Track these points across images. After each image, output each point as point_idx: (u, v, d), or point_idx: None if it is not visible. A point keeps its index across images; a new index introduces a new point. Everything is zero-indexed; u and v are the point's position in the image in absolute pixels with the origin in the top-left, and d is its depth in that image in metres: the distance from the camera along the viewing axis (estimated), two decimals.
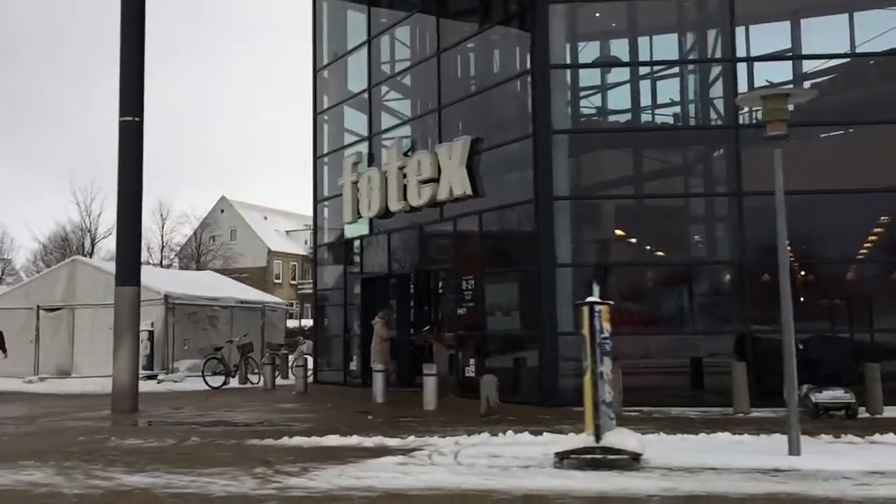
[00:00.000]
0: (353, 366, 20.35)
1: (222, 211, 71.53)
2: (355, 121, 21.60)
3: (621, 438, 7.28)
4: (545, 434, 9.82)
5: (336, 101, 22.37)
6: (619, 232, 15.39)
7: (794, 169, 13.84)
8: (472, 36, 17.49)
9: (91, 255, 40.56)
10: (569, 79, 15.65)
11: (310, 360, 25.28)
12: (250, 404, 16.49)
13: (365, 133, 20.77)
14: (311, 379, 22.75)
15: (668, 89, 15.64)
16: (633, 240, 15.31)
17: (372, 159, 19.84)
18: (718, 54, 15.12)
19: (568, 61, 15.67)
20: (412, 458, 8.50)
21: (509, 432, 9.98)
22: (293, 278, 73.29)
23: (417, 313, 18.95)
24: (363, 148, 20.36)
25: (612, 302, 7.89)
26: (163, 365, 24.14)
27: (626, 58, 15.97)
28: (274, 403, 16.66)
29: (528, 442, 9.34)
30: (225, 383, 20.95)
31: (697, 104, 15.84)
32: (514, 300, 15.78)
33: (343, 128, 22.35)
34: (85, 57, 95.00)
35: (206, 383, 20.64)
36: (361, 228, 20.13)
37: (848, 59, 15.21)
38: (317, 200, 22.47)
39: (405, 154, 18.32)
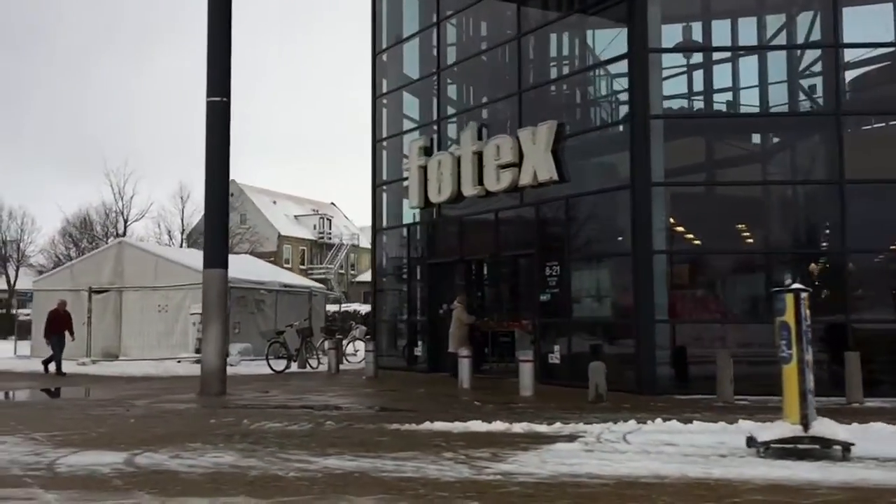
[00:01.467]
0: (418, 351, 20.20)
1: (232, 195, 71.00)
2: (417, 105, 21.41)
3: (831, 428, 7.17)
4: (696, 422, 9.70)
5: (397, 84, 22.13)
6: (715, 219, 15.25)
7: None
8: (558, 19, 17.28)
9: (123, 236, 40.14)
10: (666, 62, 15.46)
11: (360, 344, 25.26)
12: (332, 388, 16.35)
13: (428, 117, 20.57)
14: (362, 363, 22.68)
15: (768, 73, 15.43)
16: (730, 227, 15.18)
17: (441, 144, 19.62)
18: (818, 37, 14.99)
19: (665, 44, 15.43)
20: (587, 444, 8.38)
21: (657, 420, 9.87)
22: (302, 263, 73.04)
23: (491, 299, 18.79)
24: (429, 132, 20.11)
25: (810, 289, 7.71)
26: None
27: (725, 40, 15.78)
28: (356, 388, 16.53)
29: (691, 430, 9.21)
30: (287, 367, 20.80)
31: (797, 89, 15.70)
32: (604, 286, 15.66)
33: (403, 112, 22.15)
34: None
35: (270, 367, 20.49)
36: (429, 213, 19.93)
37: None
38: (375, 185, 22.25)
39: (480, 138, 18.08)
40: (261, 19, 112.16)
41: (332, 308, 38.49)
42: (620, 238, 15.45)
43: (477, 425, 9.81)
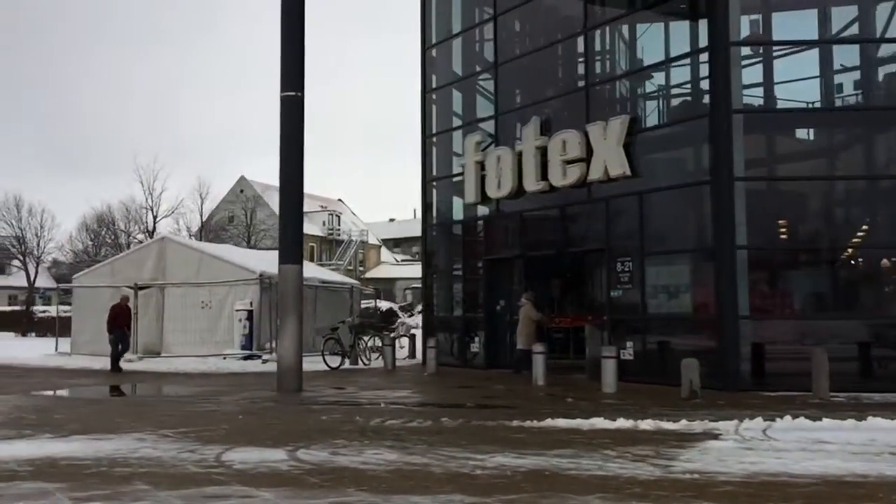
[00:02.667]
0: (475, 347, 20.12)
1: (241, 191, 70.87)
2: (472, 100, 21.30)
3: None
4: (825, 419, 9.66)
5: (447, 80, 22.03)
6: (795, 213, 15.23)
7: None
8: (627, 14, 17.18)
9: (152, 233, 39.93)
10: (746, 56, 15.39)
11: (405, 341, 25.20)
12: (402, 385, 16.29)
13: (484, 113, 20.46)
14: (407, 360, 22.67)
15: (853, 66, 15.38)
16: (811, 222, 15.16)
17: (498, 139, 19.53)
18: None
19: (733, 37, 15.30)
20: (739, 442, 8.33)
21: (787, 417, 9.80)
22: (312, 259, 72.80)
23: (556, 295, 18.72)
24: (485, 127, 20.00)
25: None
26: (258, 345, 23.82)
27: (798, 32, 15.72)
28: (427, 385, 16.47)
29: (823, 427, 9.16)
30: (342, 364, 20.71)
31: (882, 83, 15.65)
32: (682, 282, 15.60)
33: (455, 108, 22.05)
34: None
35: (326, 363, 20.40)
36: (486, 209, 19.84)
37: None
38: (426, 181, 22.14)
39: (542, 133, 17.99)
40: (259, 14, 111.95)
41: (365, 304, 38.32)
42: (699, 233, 15.40)
43: (602, 423, 9.75)
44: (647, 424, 9.55)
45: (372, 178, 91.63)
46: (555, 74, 19.34)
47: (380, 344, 23.22)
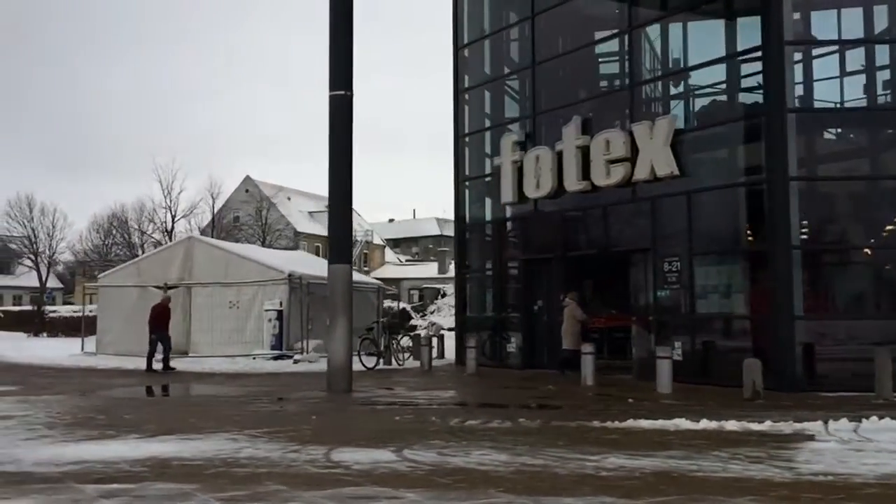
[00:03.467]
0: (511, 348, 20.06)
1: (247, 191, 70.72)
2: (506, 100, 21.26)
3: None
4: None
5: (480, 80, 21.99)
6: (849, 213, 15.21)
7: None
8: (672, 13, 17.13)
9: (172, 232, 39.77)
10: (800, 56, 15.37)
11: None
12: (449, 385, 16.32)
13: (520, 112, 20.41)
14: (436, 360, 22.58)
15: None
16: (866, 222, 15.14)
17: (536, 139, 19.48)
18: None
19: (797, 37, 15.31)
20: (843, 443, 8.28)
21: (872, 418, 9.76)
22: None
23: (597, 295, 18.66)
24: (522, 127, 19.93)
25: None
26: (288, 345, 23.73)
27: (859, 30, 15.69)
28: (474, 385, 16.42)
29: None
30: (377, 364, 20.64)
31: None
32: (734, 282, 15.56)
33: (487, 108, 22.01)
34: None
35: (362, 363, 20.31)
36: (523, 208, 19.77)
37: None
38: (459, 180, 22.06)
39: (583, 133, 17.94)
40: (257, 13, 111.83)
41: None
42: (751, 233, 15.36)
43: (685, 423, 9.69)
44: (732, 425, 9.50)
45: (368, 178, 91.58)
46: (595, 74, 19.30)
47: (410, 344, 23.21)
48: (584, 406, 12.07)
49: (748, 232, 15.54)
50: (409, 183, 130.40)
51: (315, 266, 28.39)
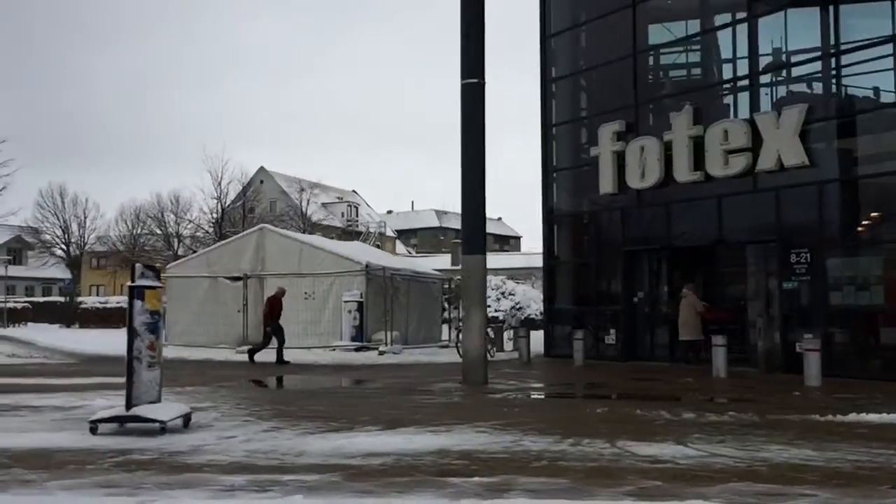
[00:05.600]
0: (610, 340, 19.85)
1: (262, 182, 70.19)
2: (602, 90, 21.02)
3: None
4: None
5: (571, 69, 21.74)
6: None
7: None
8: (795, 2, 16.89)
9: (221, 223, 39.25)
10: None
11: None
12: (573, 377, 16.10)
13: (618, 102, 20.13)
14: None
15: None
16: None
17: (639, 129, 19.25)
18: None
19: None
20: None
21: None
22: None
23: (710, 286, 18.46)
24: (623, 116, 19.64)
25: None
26: (366, 337, 23.46)
27: None
28: (602, 377, 16.09)
29: None
30: None
31: None
32: (872, 274, 15.35)
33: (577, 97, 21.78)
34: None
35: (460, 355, 20.02)
36: (624, 199, 19.54)
37: None
38: (547, 171, 21.79)
39: (695, 123, 17.74)
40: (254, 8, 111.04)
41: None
42: (891, 224, 15.19)
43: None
44: None
45: (366, 169, 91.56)
46: (708, 63, 19.03)
47: (493, 336, 22.95)
48: (762, 399, 11.83)
49: (888, 223, 15.32)
50: (409, 174, 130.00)
51: (380, 257, 28.14)
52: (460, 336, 20.06)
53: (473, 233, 15.15)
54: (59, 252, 46.80)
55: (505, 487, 5.60)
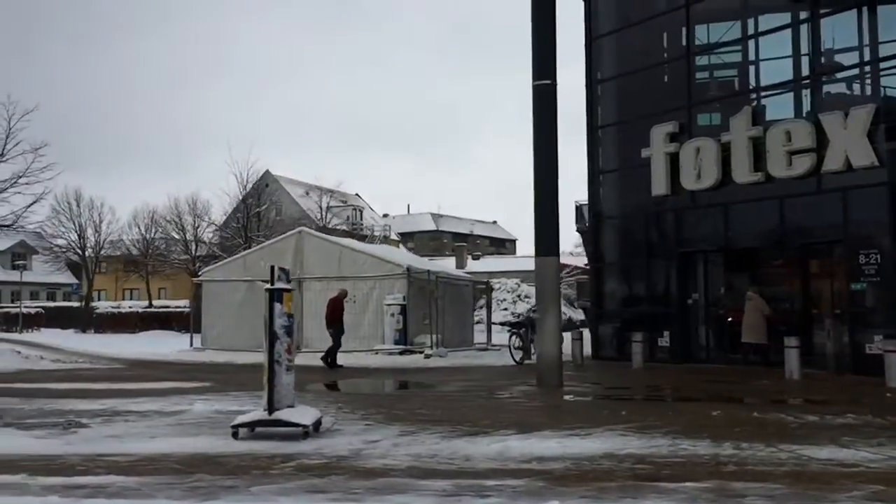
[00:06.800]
0: (662, 343, 19.74)
1: (267, 185, 69.79)
2: (652, 91, 20.92)
3: None
4: None
5: (619, 70, 21.65)
6: None
7: None
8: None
9: (246, 227, 38.88)
10: None
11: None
12: (640, 380, 15.88)
13: (670, 103, 20.03)
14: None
15: None
16: None
17: (692, 130, 19.16)
18: None
19: None
20: None
21: None
22: None
23: (770, 288, 18.33)
24: (677, 118, 19.53)
25: None
26: (409, 340, 23.30)
27: None
28: (671, 381, 15.93)
29: None
30: (524, 358, 20.23)
31: None
32: None
33: (623, 99, 21.68)
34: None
35: (513, 358, 19.95)
36: (677, 200, 19.43)
37: None
38: (594, 173, 21.68)
39: (755, 124, 17.66)
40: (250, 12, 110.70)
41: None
42: None
43: None
44: None
45: (361, 172, 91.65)
46: (767, 63, 18.93)
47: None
48: (860, 401, 11.71)
49: None
50: (403, 177, 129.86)
51: (412, 260, 27.96)
52: (512, 340, 20.01)
53: (548, 234, 14.97)
54: (74, 257, 46.31)
55: (733, 493, 5.44)
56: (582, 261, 63.51)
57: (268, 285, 8.16)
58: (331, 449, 7.33)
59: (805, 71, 17.70)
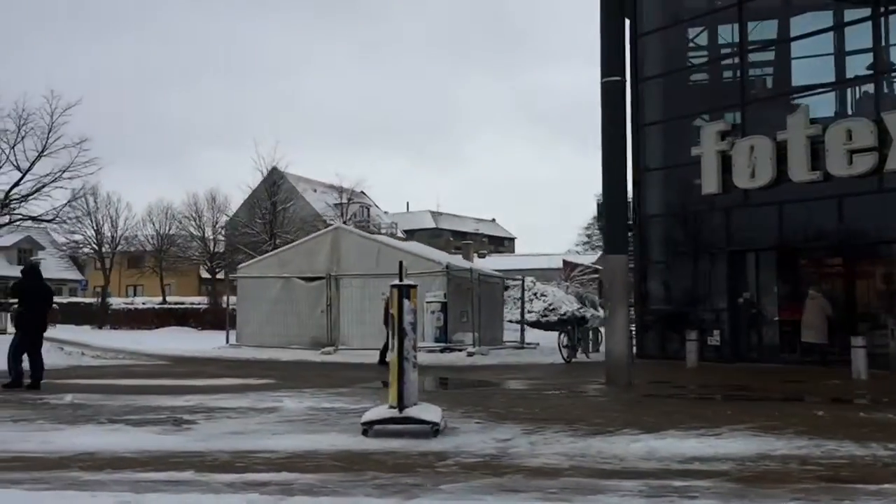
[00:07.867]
0: (713, 342, 19.62)
1: (274, 182, 69.49)
2: (700, 88, 20.80)
3: None
4: None
5: (665, 68, 21.53)
6: None
7: None
8: None
9: (271, 223, 38.65)
10: None
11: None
12: (706, 378, 15.77)
13: (719, 101, 19.94)
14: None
15: None
16: None
17: (745, 128, 19.06)
18: None
19: None
20: None
21: None
22: None
23: (829, 287, 18.22)
24: (728, 116, 19.43)
25: None
26: (448, 338, 23.15)
27: None
28: (735, 380, 15.80)
29: None
30: (573, 356, 20.10)
31: None
32: None
33: (669, 97, 21.56)
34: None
35: (562, 356, 19.81)
36: (728, 199, 19.31)
37: None
38: (638, 170, 21.54)
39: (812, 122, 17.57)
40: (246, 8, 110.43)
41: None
42: None
43: None
44: None
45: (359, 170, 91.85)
46: (824, 61, 18.82)
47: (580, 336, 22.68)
48: None
49: None
50: (402, 176, 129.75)
51: (442, 257, 27.80)
52: (560, 337, 19.87)
53: (616, 232, 14.85)
54: (91, 252, 45.94)
55: None
56: (588, 259, 63.50)
57: (395, 281, 7.96)
58: (472, 447, 7.14)
59: (860, 70, 17.55)
